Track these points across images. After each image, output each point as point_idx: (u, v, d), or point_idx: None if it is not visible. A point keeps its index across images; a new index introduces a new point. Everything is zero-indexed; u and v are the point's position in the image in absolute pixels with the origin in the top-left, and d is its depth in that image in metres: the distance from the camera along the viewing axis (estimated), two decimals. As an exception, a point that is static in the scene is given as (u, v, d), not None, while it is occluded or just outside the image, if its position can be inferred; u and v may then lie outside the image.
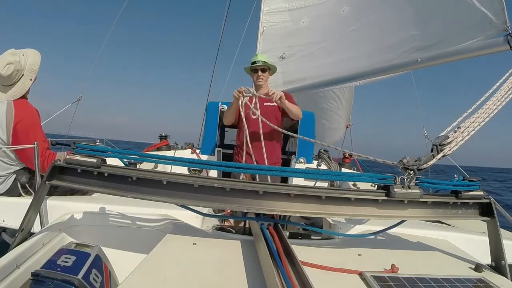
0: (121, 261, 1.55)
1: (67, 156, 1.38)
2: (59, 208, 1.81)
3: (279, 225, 1.60)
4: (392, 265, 1.35)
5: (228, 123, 3.06)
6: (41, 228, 1.68)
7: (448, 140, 1.61)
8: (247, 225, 1.86)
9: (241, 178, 2.61)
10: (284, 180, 2.90)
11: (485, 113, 1.66)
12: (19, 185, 2.19)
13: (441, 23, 2.89)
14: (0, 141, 2.14)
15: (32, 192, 2.20)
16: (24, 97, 2.25)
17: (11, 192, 2.17)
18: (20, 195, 2.19)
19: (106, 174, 1.35)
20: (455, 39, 2.73)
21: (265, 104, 2.91)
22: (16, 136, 2.13)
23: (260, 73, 3.01)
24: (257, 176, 2.53)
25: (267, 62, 3.06)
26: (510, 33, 2.36)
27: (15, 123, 2.12)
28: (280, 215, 1.76)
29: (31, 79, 2.25)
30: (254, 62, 3.05)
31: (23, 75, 2.21)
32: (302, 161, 3.52)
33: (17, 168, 2.21)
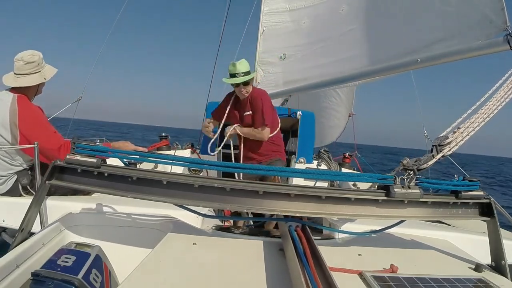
0: (121, 261, 1.55)
1: (67, 156, 1.38)
2: (59, 208, 1.81)
3: (307, 227, 1.55)
4: (392, 265, 1.35)
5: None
6: (41, 228, 1.68)
7: (448, 141, 1.61)
8: (248, 225, 1.86)
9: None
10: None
11: (485, 114, 1.66)
12: (20, 187, 2.19)
13: (441, 23, 2.89)
14: (3, 140, 2.13)
15: (33, 193, 2.20)
16: (26, 94, 2.26)
17: (12, 192, 2.17)
18: (20, 195, 2.18)
19: (106, 174, 1.36)
20: (455, 39, 2.74)
21: (244, 114, 2.88)
22: (23, 134, 2.13)
23: (242, 87, 2.70)
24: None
25: (248, 71, 2.68)
26: (510, 33, 2.36)
27: (19, 121, 2.13)
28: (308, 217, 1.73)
29: (45, 78, 2.33)
30: (233, 75, 2.65)
31: (39, 71, 2.30)
32: (302, 161, 3.52)
33: (19, 168, 2.21)
